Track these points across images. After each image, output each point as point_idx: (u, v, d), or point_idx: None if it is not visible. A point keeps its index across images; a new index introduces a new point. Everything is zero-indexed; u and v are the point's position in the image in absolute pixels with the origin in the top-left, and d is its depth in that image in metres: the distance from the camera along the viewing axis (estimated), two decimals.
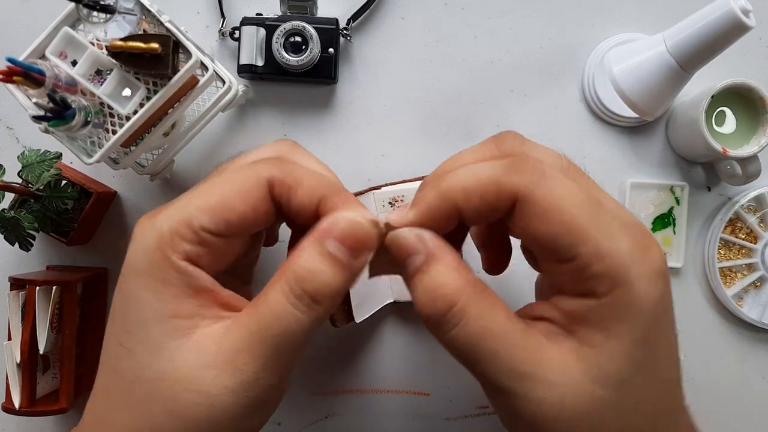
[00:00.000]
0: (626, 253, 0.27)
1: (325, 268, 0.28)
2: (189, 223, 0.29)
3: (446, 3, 0.53)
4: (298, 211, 0.30)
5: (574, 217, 0.27)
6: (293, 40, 0.49)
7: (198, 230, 0.29)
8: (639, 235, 0.29)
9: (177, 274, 0.29)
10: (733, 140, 0.49)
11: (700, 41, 0.42)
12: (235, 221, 0.30)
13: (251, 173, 0.30)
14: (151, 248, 0.29)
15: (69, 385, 0.47)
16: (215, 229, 0.29)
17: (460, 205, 0.29)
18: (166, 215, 0.30)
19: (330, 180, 0.31)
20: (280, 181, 0.30)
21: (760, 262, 0.51)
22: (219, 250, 0.30)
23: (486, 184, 0.29)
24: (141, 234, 0.30)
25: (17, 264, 0.53)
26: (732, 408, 0.53)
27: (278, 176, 0.30)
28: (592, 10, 0.53)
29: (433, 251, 0.29)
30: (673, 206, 0.52)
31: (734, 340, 0.53)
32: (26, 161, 0.44)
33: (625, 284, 0.27)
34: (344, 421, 0.52)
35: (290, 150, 0.35)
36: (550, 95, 0.53)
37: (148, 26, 0.38)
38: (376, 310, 0.50)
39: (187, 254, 0.29)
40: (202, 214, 0.29)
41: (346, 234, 0.29)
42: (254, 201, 0.30)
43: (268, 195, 0.30)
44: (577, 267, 0.28)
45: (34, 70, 0.35)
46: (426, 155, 0.53)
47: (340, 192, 0.31)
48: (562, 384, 0.28)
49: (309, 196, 0.30)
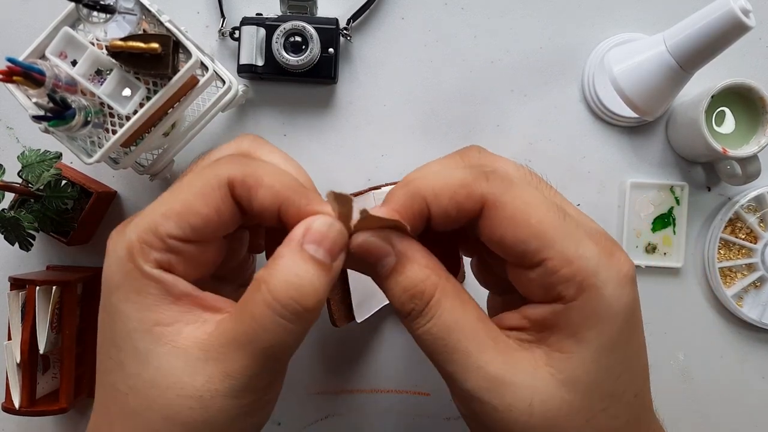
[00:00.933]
0: (593, 257, 0.28)
1: (310, 272, 0.28)
2: (155, 231, 0.29)
3: (446, 3, 0.53)
4: (261, 213, 0.30)
5: (540, 222, 0.28)
6: (293, 40, 0.49)
7: (164, 237, 0.29)
8: (604, 241, 0.29)
9: (152, 283, 0.29)
10: (733, 140, 0.49)
11: (700, 41, 0.42)
12: (200, 225, 0.29)
13: (211, 174, 0.30)
14: (123, 260, 0.29)
15: (69, 385, 0.47)
16: (182, 234, 0.29)
17: (430, 204, 0.29)
18: (134, 225, 0.29)
19: (294, 179, 0.30)
20: (241, 180, 0.29)
21: (760, 262, 0.51)
22: (192, 256, 0.30)
23: (456, 187, 0.29)
24: (112, 247, 0.30)
25: (17, 264, 0.53)
26: (732, 408, 0.53)
27: (238, 176, 0.29)
28: (592, 10, 0.53)
29: (404, 251, 0.29)
30: (673, 206, 0.52)
31: (734, 340, 0.53)
32: (26, 161, 0.44)
33: (593, 288, 0.27)
34: (344, 421, 0.52)
35: (254, 145, 0.34)
36: (550, 95, 0.53)
37: (148, 26, 0.38)
38: (376, 310, 0.50)
39: (159, 262, 0.29)
40: (167, 221, 0.29)
41: (323, 236, 0.28)
42: (216, 203, 0.29)
43: (229, 195, 0.29)
44: (544, 272, 0.28)
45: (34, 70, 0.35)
46: (426, 155, 0.53)
47: (302, 192, 0.30)
48: (531, 387, 0.28)
49: (270, 197, 0.29)
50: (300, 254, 0.28)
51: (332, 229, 0.29)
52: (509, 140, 0.53)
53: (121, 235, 0.30)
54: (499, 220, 0.28)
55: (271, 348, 0.28)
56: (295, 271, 0.28)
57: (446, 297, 0.29)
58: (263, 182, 0.29)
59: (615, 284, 0.28)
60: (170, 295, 0.29)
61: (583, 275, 0.27)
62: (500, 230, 0.28)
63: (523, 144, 0.53)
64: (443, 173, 0.30)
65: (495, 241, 0.29)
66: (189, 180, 0.30)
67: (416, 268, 0.29)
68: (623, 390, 0.29)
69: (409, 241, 0.30)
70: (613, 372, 0.28)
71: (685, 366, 0.53)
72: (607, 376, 0.28)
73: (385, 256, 0.30)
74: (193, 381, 0.28)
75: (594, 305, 0.27)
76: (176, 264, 0.29)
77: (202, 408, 0.28)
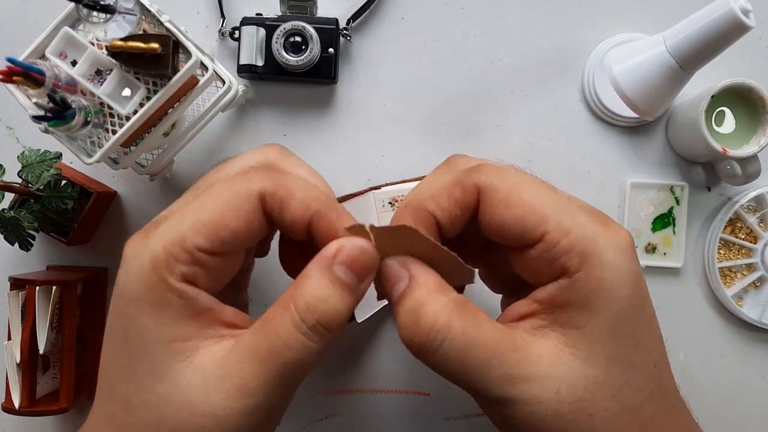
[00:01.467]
0: (588, 225, 0.28)
1: (336, 294, 0.28)
2: (183, 244, 0.28)
3: (446, 3, 0.53)
4: (292, 225, 0.30)
5: (535, 198, 0.29)
6: (293, 40, 0.49)
7: (193, 250, 0.28)
8: (596, 213, 0.30)
9: (175, 298, 0.28)
10: (733, 140, 0.49)
11: (700, 41, 0.42)
12: (229, 238, 0.29)
13: (242, 186, 0.29)
14: (146, 271, 0.28)
15: (69, 385, 0.47)
16: (210, 248, 0.28)
17: (433, 210, 0.30)
18: (159, 236, 0.29)
19: (323, 193, 0.31)
20: (272, 193, 0.29)
21: (760, 262, 0.51)
22: (216, 269, 0.30)
23: (450, 186, 0.30)
24: (134, 256, 0.29)
25: (17, 264, 0.53)
26: (732, 408, 0.53)
27: (270, 188, 0.29)
28: (592, 10, 0.53)
29: (414, 275, 0.30)
30: (673, 206, 0.52)
31: (734, 340, 0.53)
32: (26, 161, 0.44)
33: (594, 256, 0.28)
34: (344, 421, 0.52)
35: (280, 156, 0.34)
36: (550, 95, 0.53)
37: (148, 26, 0.38)
38: (376, 310, 0.50)
39: (184, 276, 0.28)
40: (196, 234, 0.28)
41: (354, 259, 0.29)
42: (247, 215, 0.29)
43: (260, 208, 0.29)
44: (545, 247, 0.28)
45: (34, 70, 0.35)
46: (426, 155, 0.53)
47: (334, 206, 0.30)
48: (555, 376, 0.28)
49: (302, 210, 0.29)
50: (329, 276, 0.28)
51: (364, 253, 0.29)
52: (509, 140, 0.53)
53: (144, 244, 0.29)
54: (496, 203, 0.29)
55: (292, 365, 0.28)
56: (322, 293, 0.28)
57: (455, 318, 0.28)
58: (295, 195, 0.29)
59: (615, 250, 0.28)
60: (191, 310, 0.29)
61: (583, 243, 0.28)
62: (498, 213, 0.29)
63: (523, 144, 0.53)
64: (436, 180, 0.31)
65: (495, 226, 0.29)
66: (218, 191, 0.30)
67: (423, 292, 0.29)
68: (642, 360, 0.29)
69: (420, 266, 0.30)
70: (629, 341, 0.29)
71: (685, 366, 0.53)
72: (625, 345, 0.28)
73: (400, 281, 0.30)
74: (209, 398, 0.28)
75: (598, 273, 0.28)
76: (200, 276, 0.29)
77: (216, 426, 0.27)
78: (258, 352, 0.28)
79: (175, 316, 0.28)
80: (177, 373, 0.28)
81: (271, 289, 0.52)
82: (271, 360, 0.28)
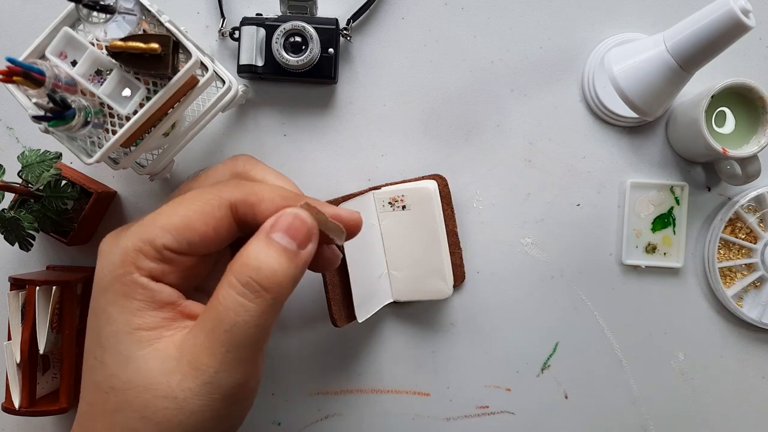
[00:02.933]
0: None
1: (272, 254, 0.30)
2: (152, 242, 0.31)
3: (446, 3, 0.53)
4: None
5: None
6: (293, 40, 0.49)
7: (161, 249, 0.31)
8: None
9: (140, 289, 0.31)
10: (733, 140, 0.49)
11: (700, 41, 0.42)
12: (196, 241, 0.32)
13: (212, 196, 0.33)
14: (116, 265, 0.31)
15: (69, 385, 0.47)
16: (177, 248, 0.31)
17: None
18: (130, 233, 0.32)
19: (286, 191, 0.34)
20: (242, 200, 0.32)
21: (760, 262, 0.51)
22: (185, 267, 0.32)
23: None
24: (107, 251, 0.32)
25: (17, 264, 0.53)
26: (732, 408, 0.53)
27: (240, 197, 0.32)
28: (592, 10, 0.53)
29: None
30: (673, 206, 0.52)
31: (734, 340, 0.53)
32: (26, 161, 0.44)
33: None
34: (344, 421, 0.52)
35: (249, 165, 0.37)
36: (550, 95, 0.53)
37: (148, 26, 0.38)
38: (376, 310, 0.50)
39: (151, 271, 0.31)
40: (165, 234, 0.31)
41: (291, 225, 0.31)
42: (216, 222, 0.32)
43: (230, 216, 0.33)
44: None
45: (34, 70, 0.35)
46: (426, 155, 0.53)
47: (298, 198, 0.33)
48: None
49: (272, 209, 0.32)
50: (265, 241, 0.31)
51: (297, 218, 0.31)
52: (509, 140, 0.53)
53: (116, 240, 0.32)
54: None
55: (235, 330, 0.29)
56: (255, 255, 0.30)
57: None
58: (264, 197, 0.32)
59: None
60: (154, 302, 0.31)
61: None
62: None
63: (523, 144, 0.53)
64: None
65: None
66: (190, 198, 0.33)
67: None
68: None
69: None
70: None
71: (685, 366, 0.53)
72: None
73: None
74: (169, 381, 0.29)
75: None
76: (169, 273, 0.32)
77: (177, 408, 0.29)
78: (205, 324, 0.30)
79: (139, 306, 0.31)
80: (140, 358, 0.30)
81: None
82: (216, 329, 0.29)
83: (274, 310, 0.30)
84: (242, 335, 0.30)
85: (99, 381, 0.31)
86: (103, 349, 0.31)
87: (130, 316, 0.31)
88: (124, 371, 0.30)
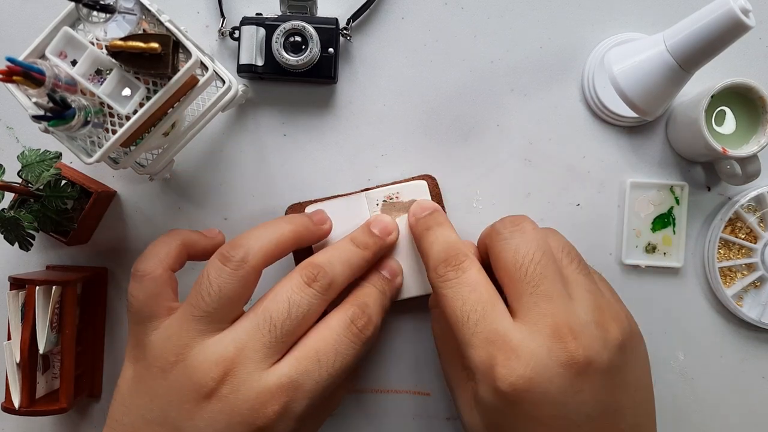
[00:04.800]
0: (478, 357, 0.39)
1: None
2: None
3: (446, 3, 0.53)
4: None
5: None
6: (293, 40, 0.49)
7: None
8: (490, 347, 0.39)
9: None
10: (733, 140, 0.49)
11: (700, 41, 0.42)
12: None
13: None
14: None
15: (69, 385, 0.47)
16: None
17: None
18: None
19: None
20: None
21: (760, 261, 0.51)
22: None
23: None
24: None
25: (17, 264, 0.53)
26: (732, 408, 0.53)
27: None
28: (592, 10, 0.53)
29: None
30: (673, 206, 0.52)
31: (734, 340, 0.53)
32: (26, 161, 0.44)
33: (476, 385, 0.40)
34: (344, 421, 0.52)
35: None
36: (550, 95, 0.53)
37: (148, 26, 0.38)
38: None
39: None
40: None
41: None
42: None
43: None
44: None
45: (34, 69, 0.35)
46: (426, 155, 0.53)
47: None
48: None
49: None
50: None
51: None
52: (509, 140, 0.53)
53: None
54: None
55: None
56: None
57: None
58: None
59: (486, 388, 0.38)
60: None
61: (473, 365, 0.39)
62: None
63: (523, 144, 0.53)
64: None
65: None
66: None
67: None
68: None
69: None
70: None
71: (685, 366, 0.53)
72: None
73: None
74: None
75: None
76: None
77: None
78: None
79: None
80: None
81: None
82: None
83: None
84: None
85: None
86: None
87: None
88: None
